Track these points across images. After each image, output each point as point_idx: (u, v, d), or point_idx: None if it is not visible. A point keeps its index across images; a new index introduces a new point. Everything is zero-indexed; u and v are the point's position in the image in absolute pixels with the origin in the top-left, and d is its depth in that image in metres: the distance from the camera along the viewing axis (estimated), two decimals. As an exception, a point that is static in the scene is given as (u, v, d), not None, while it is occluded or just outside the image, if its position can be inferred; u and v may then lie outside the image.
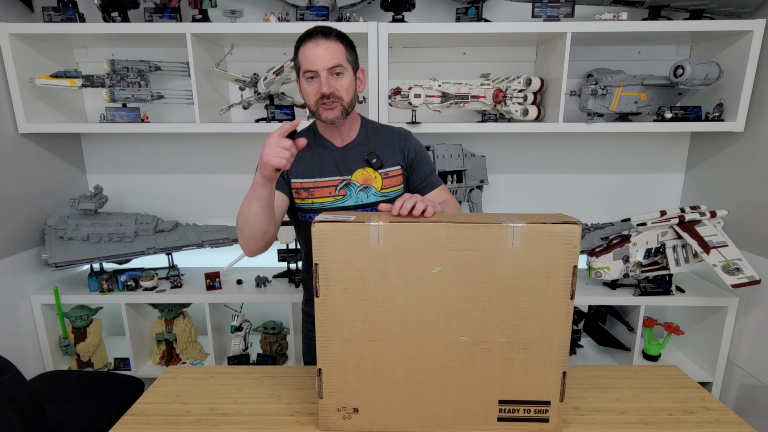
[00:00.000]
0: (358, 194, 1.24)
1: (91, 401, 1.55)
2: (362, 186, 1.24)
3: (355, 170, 1.24)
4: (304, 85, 1.17)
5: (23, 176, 1.83)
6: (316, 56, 1.12)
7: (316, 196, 1.23)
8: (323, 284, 0.90)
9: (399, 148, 1.29)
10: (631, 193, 2.17)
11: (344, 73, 1.16)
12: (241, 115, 2.08)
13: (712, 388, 1.86)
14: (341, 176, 1.24)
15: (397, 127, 1.34)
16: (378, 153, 1.25)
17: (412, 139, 1.33)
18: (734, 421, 1.01)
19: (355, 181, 1.24)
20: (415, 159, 1.30)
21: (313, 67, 1.12)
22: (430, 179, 1.31)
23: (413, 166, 1.30)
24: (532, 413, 0.94)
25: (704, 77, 1.70)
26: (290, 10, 1.85)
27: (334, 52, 1.13)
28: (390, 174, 1.27)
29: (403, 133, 1.32)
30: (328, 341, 0.93)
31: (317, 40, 1.12)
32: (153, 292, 1.92)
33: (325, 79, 1.13)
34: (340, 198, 1.24)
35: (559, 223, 0.85)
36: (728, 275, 1.62)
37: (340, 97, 1.15)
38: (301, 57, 1.15)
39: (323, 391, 0.95)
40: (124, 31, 1.71)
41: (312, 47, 1.12)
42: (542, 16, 1.72)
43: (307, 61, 1.13)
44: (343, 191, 1.24)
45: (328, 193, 1.23)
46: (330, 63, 1.12)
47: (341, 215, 0.93)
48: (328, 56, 1.12)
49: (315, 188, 1.23)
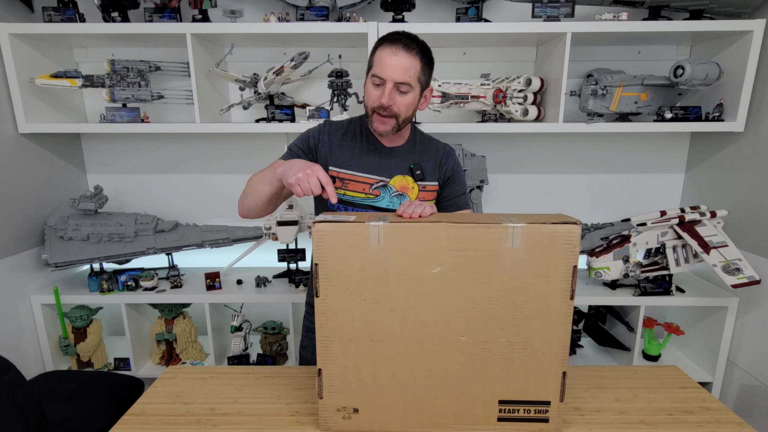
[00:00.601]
0: (392, 199, 1.24)
1: (91, 401, 1.55)
2: (398, 192, 1.24)
3: (396, 175, 1.24)
4: (369, 86, 1.16)
5: (23, 176, 1.83)
6: (390, 65, 1.10)
7: (350, 189, 1.22)
8: (323, 284, 0.90)
9: (440, 165, 1.30)
10: (631, 193, 2.17)
11: (410, 91, 1.15)
12: (241, 115, 2.08)
13: (712, 388, 1.86)
14: (380, 176, 1.23)
15: (443, 143, 1.34)
16: (422, 165, 1.26)
17: (453, 157, 1.33)
18: (734, 421, 1.01)
19: (392, 186, 1.24)
20: (450, 177, 1.31)
21: (383, 75, 1.11)
22: (458, 200, 1.31)
23: (447, 183, 1.31)
24: (532, 413, 0.94)
25: (704, 77, 1.70)
26: (290, 10, 1.85)
27: (408, 68, 1.11)
28: (428, 188, 1.27)
29: (447, 149, 1.32)
30: (328, 341, 0.93)
31: (397, 49, 1.10)
32: (153, 292, 1.92)
33: (389, 90, 1.12)
34: (372, 197, 1.23)
35: (559, 223, 0.85)
36: (728, 275, 1.62)
37: (396, 114, 1.15)
38: (375, 59, 1.14)
39: (323, 391, 0.95)
40: (124, 31, 1.71)
41: (390, 55, 1.11)
42: (542, 16, 1.72)
43: (380, 66, 1.12)
44: (377, 191, 1.23)
45: (362, 189, 1.22)
46: (399, 78, 1.11)
47: (341, 215, 0.94)
48: (401, 70, 1.11)
49: (351, 181, 1.22)
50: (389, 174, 1.24)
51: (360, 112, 1.94)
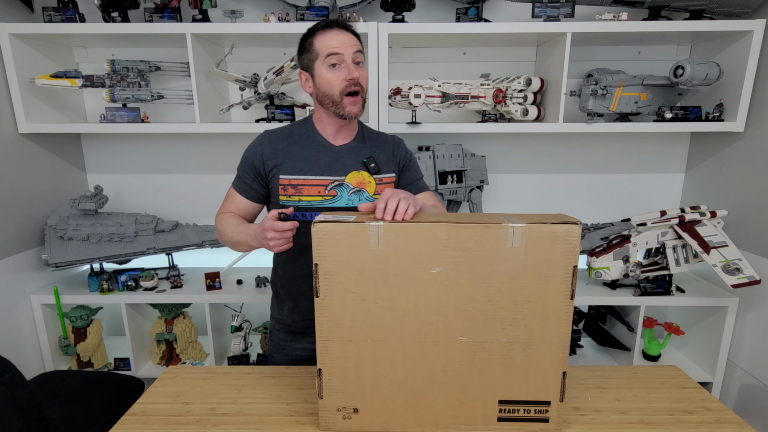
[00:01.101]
0: (350, 196, 1.22)
1: (91, 401, 1.55)
2: (355, 188, 1.23)
3: (350, 172, 1.23)
4: (326, 74, 1.14)
5: (23, 176, 1.83)
6: (343, 42, 1.12)
7: (304, 194, 1.20)
8: (323, 284, 0.90)
9: (393, 155, 1.30)
10: (631, 193, 2.17)
11: (363, 63, 1.17)
12: (241, 115, 2.08)
13: (712, 388, 1.86)
14: (334, 176, 1.21)
15: (391, 135, 1.35)
16: (375, 158, 1.25)
17: (403, 146, 1.34)
18: (734, 421, 1.00)
19: (349, 183, 1.22)
20: (405, 166, 1.32)
21: (340, 50, 1.12)
22: (416, 183, 1.32)
23: (403, 172, 1.32)
24: (532, 413, 0.94)
25: (704, 77, 1.70)
26: (290, 10, 1.85)
27: (355, 42, 1.15)
28: (384, 180, 1.26)
29: (396, 140, 1.34)
30: (328, 341, 0.93)
31: (339, 29, 1.13)
32: (153, 292, 1.92)
33: (351, 65, 1.13)
34: (329, 198, 1.21)
35: (559, 223, 0.85)
36: (728, 275, 1.62)
37: (363, 88, 1.17)
38: (320, 44, 1.13)
39: (323, 391, 0.95)
40: (124, 31, 1.71)
41: (336, 34, 1.13)
42: (542, 16, 1.72)
43: (332, 46, 1.12)
44: (333, 191, 1.21)
45: (317, 192, 1.20)
46: (355, 49, 1.14)
47: (341, 215, 0.93)
48: (353, 44, 1.14)
49: (304, 186, 1.20)
50: (343, 172, 1.22)
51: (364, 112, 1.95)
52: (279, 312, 1.35)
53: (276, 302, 1.37)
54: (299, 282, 1.27)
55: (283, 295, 1.32)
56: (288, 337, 1.34)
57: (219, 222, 1.24)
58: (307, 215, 1.20)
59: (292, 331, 1.33)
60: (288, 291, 1.31)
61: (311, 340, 1.31)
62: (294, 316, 1.31)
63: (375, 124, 1.80)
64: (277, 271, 1.35)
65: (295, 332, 1.33)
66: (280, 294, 1.34)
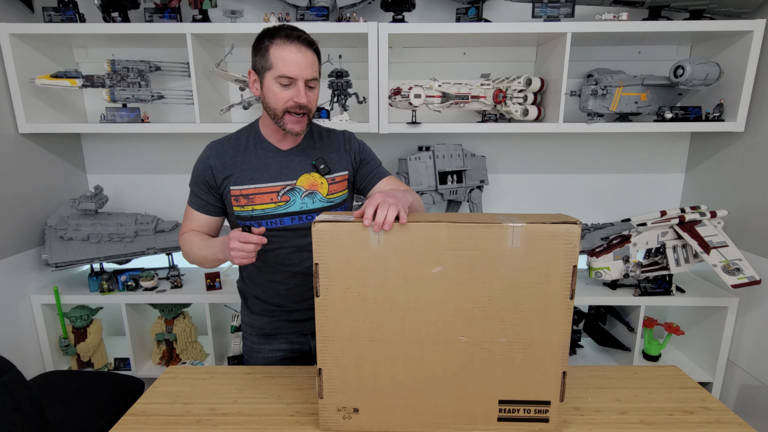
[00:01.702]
0: (303, 200, 1.20)
1: (91, 401, 1.55)
2: (308, 191, 1.21)
3: (301, 175, 1.21)
4: (273, 88, 1.10)
5: (23, 176, 1.83)
6: (299, 63, 1.08)
7: (257, 203, 1.18)
8: (323, 284, 0.90)
9: (346, 152, 1.28)
10: (631, 193, 2.17)
11: (316, 87, 1.15)
12: (241, 115, 2.08)
13: (712, 389, 1.86)
14: (285, 181, 1.19)
15: (341, 130, 1.33)
16: (325, 158, 1.23)
17: (355, 140, 1.31)
18: (734, 421, 1.00)
19: (300, 186, 1.20)
20: (362, 159, 1.30)
21: (294, 74, 1.08)
22: (377, 171, 1.30)
23: (361, 165, 1.30)
24: (532, 413, 0.94)
25: (704, 77, 1.70)
26: (290, 11, 1.85)
27: (313, 63, 1.11)
28: (337, 179, 1.25)
29: (347, 135, 1.31)
30: (328, 341, 0.93)
31: (299, 46, 1.08)
32: (153, 292, 1.92)
33: (303, 89, 1.10)
34: (282, 204, 1.19)
35: (558, 223, 0.85)
36: (728, 275, 1.62)
37: (310, 110, 1.14)
38: (276, 57, 1.08)
39: (323, 390, 0.95)
40: (124, 32, 1.71)
41: (294, 52, 1.08)
42: (542, 16, 1.72)
43: (288, 66, 1.08)
44: (286, 197, 1.19)
45: (269, 199, 1.18)
46: (310, 74, 1.10)
47: (342, 215, 0.93)
48: (309, 66, 1.10)
49: (256, 194, 1.18)
50: (294, 176, 1.20)
51: (363, 112, 1.96)
52: (249, 316, 1.35)
53: (244, 307, 1.37)
54: (264, 287, 1.29)
55: (250, 300, 1.34)
56: (260, 340, 1.34)
57: (183, 242, 1.23)
58: (263, 223, 1.18)
59: (264, 333, 1.33)
60: (254, 295, 1.32)
61: (283, 341, 1.33)
62: (263, 319, 1.32)
63: (375, 125, 1.80)
64: (242, 276, 1.35)
65: (266, 335, 1.33)
66: (247, 299, 1.35)
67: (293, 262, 1.24)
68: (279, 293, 1.28)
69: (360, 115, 1.99)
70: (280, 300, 1.29)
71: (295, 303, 1.29)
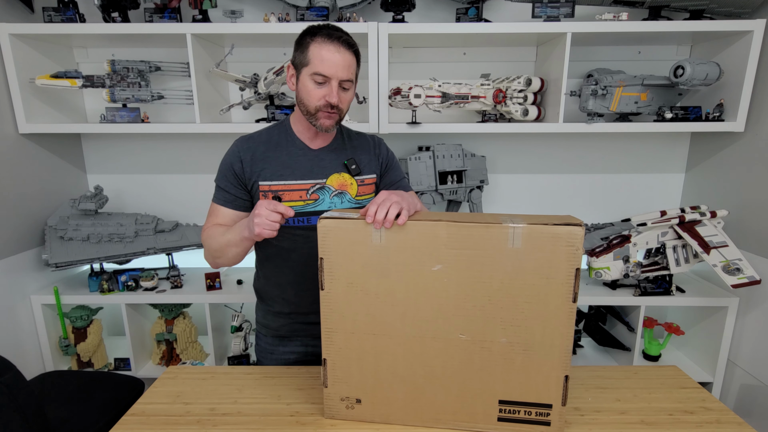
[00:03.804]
0: (332, 199, 1.21)
1: (91, 401, 1.55)
2: (337, 191, 1.21)
3: (331, 174, 1.21)
4: (308, 84, 1.12)
5: (23, 176, 1.83)
6: (336, 64, 1.09)
7: (286, 200, 1.18)
8: (327, 278, 0.92)
9: (375, 156, 1.29)
10: (631, 193, 2.17)
11: (350, 88, 1.15)
12: (241, 116, 2.08)
13: (713, 389, 1.86)
14: (315, 180, 1.19)
15: (370, 134, 1.34)
16: (356, 159, 1.24)
17: (384, 146, 1.33)
18: (734, 421, 1.01)
19: (330, 186, 1.21)
20: (387, 165, 1.31)
21: (329, 73, 1.09)
22: (399, 183, 1.30)
23: (385, 172, 1.31)
24: (533, 415, 0.94)
25: (704, 77, 1.70)
26: (290, 11, 1.85)
27: (350, 65, 1.12)
28: (366, 181, 1.25)
29: (376, 139, 1.32)
30: (332, 332, 0.95)
31: (339, 47, 1.09)
32: (153, 293, 1.92)
33: (336, 89, 1.11)
34: (311, 202, 1.19)
35: (560, 225, 0.85)
36: (728, 275, 1.62)
37: (341, 110, 1.15)
38: (314, 54, 1.09)
39: (327, 380, 0.97)
40: (124, 32, 1.71)
41: (333, 52, 1.09)
42: (542, 16, 1.73)
43: (324, 64, 1.09)
44: (315, 195, 1.19)
45: (298, 197, 1.18)
46: (345, 76, 1.11)
47: (346, 212, 0.95)
48: (345, 68, 1.10)
49: (285, 191, 1.18)
50: (324, 175, 1.20)
51: (363, 112, 1.95)
52: (264, 317, 1.33)
53: (260, 307, 1.35)
54: (283, 288, 1.26)
55: (268, 300, 1.31)
56: (275, 342, 1.32)
57: (206, 236, 1.19)
58: (290, 221, 1.18)
59: (279, 335, 1.31)
60: (272, 296, 1.29)
61: (299, 343, 1.31)
62: (280, 321, 1.30)
63: (375, 125, 1.80)
64: (260, 276, 1.33)
65: (282, 336, 1.31)
66: (264, 299, 1.33)
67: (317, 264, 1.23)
68: (298, 294, 1.25)
69: (360, 115, 1.99)
70: (299, 301, 1.26)
71: (313, 305, 1.27)
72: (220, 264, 1.19)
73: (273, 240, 1.13)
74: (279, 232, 1.03)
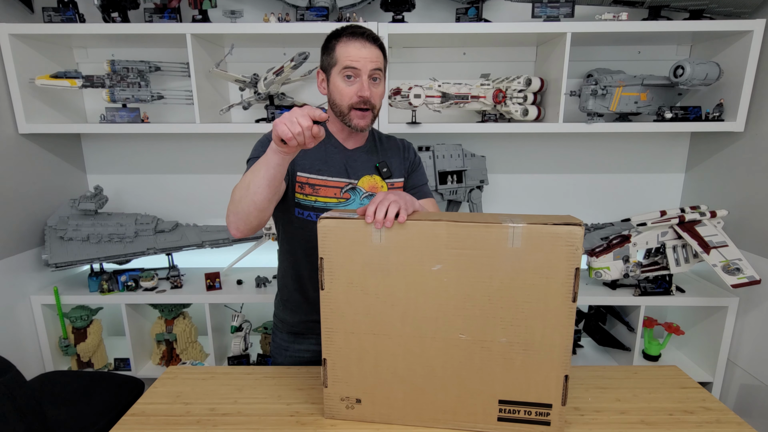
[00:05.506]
0: (363, 201, 1.22)
1: (91, 401, 1.55)
2: (368, 193, 1.22)
3: (363, 176, 1.22)
4: (339, 83, 1.13)
5: (23, 176, 1.83)
6: (363, 56, 1.10)
7: (321, 195, 1.19)
8: (328, 277, 0.92)
9: (404, 159, 1.30)
10: (631, 193, 2.17)
11: (381, 80, 1.16)
12: (241, 116, 2.08)
13: (713, 388, 1.86)
14: (348, 179, 1.21)
15: (399, 138, 1.35)
16: (387, 162, 1.26)
17: (413, 149, 1.34)
18: (734, 421, 1.00)
19: (361, 187, 1.22)
20: (412, 170, 1.32)
21: (358, 65, 1.10)
22: (420, 189, 1.31)
23: (409, 176, 1.32)
24: (533, 415, 0.94)
25: (704, 77, 1.70)
26: (290, 11, 1.85)
27: (377, 57, 1.13)
28: (395, 185, 1.27)
29: (405, 143, 1.34)
30: (332, 332, 0.95)
31: (364, 42, 1.11)
32: (153, 293, 1.92)
33: (366, 82, 1.12)
34: (343, 201, 1.21)
35: (560, 225, 0.85)
36: (728, 275, 1.62)
37: (374, 105, 1.15)
38: (341, 52, 1.11)
39: (327, 380, 0.97)
40: (124, 32, 1.71)
41: (359, 47, 1.11)
42: (542, 16, 1.73)
43: (351, 58, 1.10)
44: (347, 194, 1.21)
45: (333, 193, 1.20)
46: (374, 65, 1.12)
47: (347, 212, 0.95)
48: (372, 60, 1.12)
49: (322, 186, 1.19)
50: (356, 176, 1.21)
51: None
52: (282, 312, 1.33)
53: (281, 300, 1.34)
54: (301, 281, 1.26)
55: (285, 293, 1.31)
56: (290, 338, 1.33)
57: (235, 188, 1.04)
58: (312, 216, 1.19)
59: (295, 332, 1.32)
60: (290, 289, 1.29)
61: (313, 341, 1.31)
62: (296, 317, 1.30)
63: (375, 125, 1.79)
64: (281, 267, 1.32)
65: (297, 333, 1.32)
66: (282, 291, 1.33)
67: None
68: (315, 288, 1.23)
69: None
70: (315, 296, 1.26)
71: None
72: (241, 210, 1.00)
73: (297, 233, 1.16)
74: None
